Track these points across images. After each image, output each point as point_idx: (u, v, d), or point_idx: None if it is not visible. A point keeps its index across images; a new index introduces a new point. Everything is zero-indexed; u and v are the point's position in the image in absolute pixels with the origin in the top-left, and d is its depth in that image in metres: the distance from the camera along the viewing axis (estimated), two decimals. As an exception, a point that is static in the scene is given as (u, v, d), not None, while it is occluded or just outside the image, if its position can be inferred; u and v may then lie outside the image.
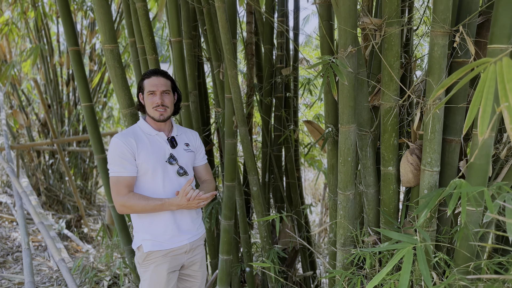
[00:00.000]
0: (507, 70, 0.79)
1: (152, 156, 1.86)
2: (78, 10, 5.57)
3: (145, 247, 1.87)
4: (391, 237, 1.74)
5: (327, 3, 1.90)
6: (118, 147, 1.82)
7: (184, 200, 1.82)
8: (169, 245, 1.89)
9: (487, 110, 0.77)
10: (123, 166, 1.82)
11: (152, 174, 1.86)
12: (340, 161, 1.82)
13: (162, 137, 1.94)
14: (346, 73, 1.64)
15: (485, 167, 1.50)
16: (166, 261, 1.89)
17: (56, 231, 4.55)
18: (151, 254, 1.88)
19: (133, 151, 1.83)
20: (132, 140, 1.84)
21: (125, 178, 1.82)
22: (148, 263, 1.89)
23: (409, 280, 1.58)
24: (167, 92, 1.91)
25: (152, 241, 1.88)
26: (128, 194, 1.82)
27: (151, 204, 1.81)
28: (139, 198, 1.82)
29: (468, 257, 1.54)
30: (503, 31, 1.42)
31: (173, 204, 1.83)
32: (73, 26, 2.50)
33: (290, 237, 2.80)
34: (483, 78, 0.80)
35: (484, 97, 0.79)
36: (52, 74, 5.55)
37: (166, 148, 1.92)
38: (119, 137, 1.85)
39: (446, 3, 1.50)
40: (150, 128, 1.93)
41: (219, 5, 1.97)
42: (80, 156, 5.98)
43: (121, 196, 1.81)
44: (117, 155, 1.82)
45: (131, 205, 1.81)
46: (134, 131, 1.92)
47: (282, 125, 2.93)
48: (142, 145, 1.87)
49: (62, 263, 2.49)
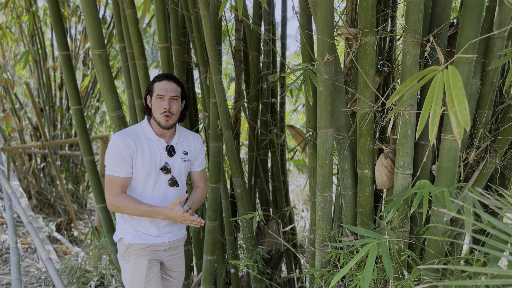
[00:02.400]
0: (452, 78, 0.87)
1: (148, 162, 1.89)
2: (72, 15, 5.63)
3: (126, 239, 1.92)
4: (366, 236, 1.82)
5: (307, 13, 1.99)
6: (117, 146, 1.84)
7: (172, 212, 1.84)
8: (150, 240, 1.95)
9: (436, 115, 0.84)
10: (119, 166, 1.85)
11: (144, 179, 1.90)
12: (318, 163, 1.89)
13: (162, 143, 1.95)
14: (322, 80, 1.71)
15: (453, 170, 1.58)
16: (146, 253, 1.94)
17: (46, 233, 4.57)
18: (132, 246, 1.93)
19: (131, 153, 1.86)
20: (132, 142, 1.86)
21: (120, 179, 1.85)
22: (129, 254, 1.94)
23: (380, 276, 1.66)
24: (175, 98, 1.92)
25: (133, 234, 1.93)
26: (121, 195, 1.85)
27: (140, 209, 1.84)
28: (130, 201, 1.85)
29: (437, 256, 1.61)
30: (468, 41, 1.50)
31: (162, 214, 1.86)
32: (63, 31, 2.56)
33: (274, 239, 2.86)
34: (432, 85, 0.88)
35: (433, 103, 0.86)
36: (45, 78, 5.60)
37: (163, 155, 1.94)
38: (120, 136, 1.86)
39: (417, 15, 1.58)
40: (152, 133, 1.94)
41: (204, 13, 2.05)
42: (72, 160, 6.01)
43: (113, 196, 1.85)
44: (115, 155, 1.84)
45: (121, 206, 1.85)
46: (136, 132, 1.93)
47: (268, 130, 3.01)
48: (140, 149, 1.88)
49: (49, 262, 2.53)
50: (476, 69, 1.71)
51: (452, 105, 0.90)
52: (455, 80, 0.91)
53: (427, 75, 0.99)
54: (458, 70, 1.52)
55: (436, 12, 1.73)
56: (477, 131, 1.80)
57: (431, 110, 0.95)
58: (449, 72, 0.90)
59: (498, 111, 1.85)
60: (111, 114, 2.25)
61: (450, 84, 0.90)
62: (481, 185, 1.89)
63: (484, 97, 1.77)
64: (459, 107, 0.89)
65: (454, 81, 0.90)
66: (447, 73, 0.91)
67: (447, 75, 0.91)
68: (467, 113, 0.89)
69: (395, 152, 1.73)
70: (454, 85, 0.89)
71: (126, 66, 2.72)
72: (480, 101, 1.78)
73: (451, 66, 0.93)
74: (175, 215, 1.86)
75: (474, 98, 1.76)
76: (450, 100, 0.90)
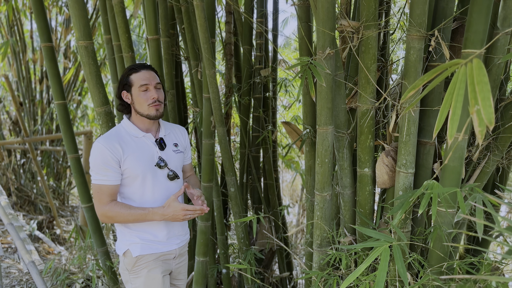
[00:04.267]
0: (477, 72, 0.80)
1: (141, 161, 1.73)
2: (53, 6, 5.43)
3: (133, 252, 1.76)
4: (366, 238, 1.76)
5: (305, 5, 1.91)
6: (101, 153, 1.67)
7: (170, 209, 1.69)
8: (160, 249, 1.79)
9: (456, 113, 0.78)
10: (105, 174, 1.68)
11: (141, 180, 1.74)
12: (317, 162, 1.82)
13: (150, 138, 1.79)
14: (324, 75, 1.64)
15: (459, 169, 1.53)
16: (158, 265, 1.79)
17: (27, 232, 4.41)
18: (141, 259, 1.76)
19: (117, 158, 1.69)
20: (117, 146, 1.69)
21: (108, 187, 1.69)
22: (138, 268, 1.77)
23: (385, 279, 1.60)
24: (159, 87, 1.78)
25: (141, 244, 1.76)
26: (110, 203, 1.70)
27: (133, 214, 1.69)
28: (121, 207, 1.70)
29: (442, 258, 1.56)
30: (477, 36, 1.45)
31: (157, 214, 1.70)
32: (46, 21, 2.42)
33: (267, 238, 2.79)
34: (453, 80, 0.81)
35: (454, 100, 0.80)
36: (24, 71, 5.40)
37: (154, 150, 1.78)
38: (103, 142, 1.69)
39: (422, 8, 1.52)
40: (136, 129, 1.77)
41: (197, 3, 1.95)
42: (53, 156, 5.82)
43: (103, 205, 1.70)
44: (100, 162, 1.67)
45: (113, 215, 1.69)
46: (119, 133, 1.76)
47: (260, 126, 2.93)
48: (129, 150, 1.72)
49: (32, 265, 2.40)
50: (480, 65, 1.66)
51: (475, 102, 0.83)
52: (480, 74, 0.84)
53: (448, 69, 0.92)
54: (465, 65, 1.47)
55: (440, 6, 1.68)
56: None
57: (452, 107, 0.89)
58: (473, 66, 0.83)
59: (500, 108, 1.81)
60: (98, 109, 2.13)
61: (475, 78, 0.83)
62: (482, 183, 1.85)
63: (488, 94, 1.72)
64: (483, 105, 0.82)
65: (479, 76, 0.83)
66: (471, 66, 0.84)
67: (471, 69, 0.84)
68: (492, 110, 0.83)
69: (397, 150, 1.67)
70: (479, 80, 0.83)
71: (113, 59, 2.60)
72: (483, 98, 1.74)
73: (476, 59, 0.86)
74: (174, 211, 1.69)
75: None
76: (473, 96, 0.83)
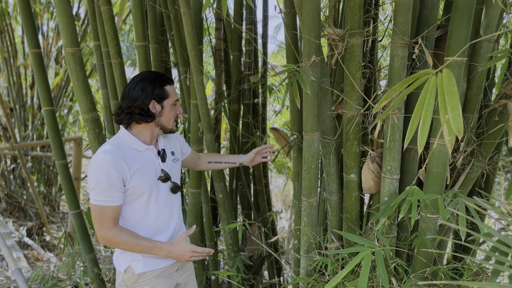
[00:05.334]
0: (447, 82, 0.82)
1: (147, 177, 1.65)
2: (44, 11, 5.41)
3: (136, 269, 1.69)
4: (353, 244, 1.77)
5: (292, 13, 1.92)
6: (106, 172, 1.54)
7: (178, 248, 1.65)
8: (162, 263, 1.73)
9: (427, 122, 0.79)
10: (109, 195, 1.57)
11: (147, 196, 1.66)
12: (304, 168, 1.83)
13: (153, 151, 1.70)
14: (309, 82, 1.66)
15: (442, 175, 1.54)
16: (160, 282, 1.73)
17: (16, 239, 4.37)
18: (143, 276, 1.70)
19: (124, 177, 1.58)
20: (123, 163, 1.57)
21: (112, 208, 1.58)
22: (140, 285, 1.71)
23: (369, 285, 1.61)
24: None
25: (143, 261, 1.69)
26: (115, 228, 1.59)
27: (140, 245, 1.61)
28: (128, 236, 1.60)
29: (426, 263, 1.58)
30: (459, 44, 1.47)
31: (164, 250, 1.64)
32: (34, 27, 2.42)
33: (256, 244, 2.79)
34: (424, 89, 0.82)
35: (424, 109, 0.81)
36: (15, 77, 5.37)
37: (157, 163, 1.70)
38: (107, 160, 1.55)
39: (405, 16, 1.54)
40: (138, 143, 1.66)
41: (185, 11, 1.96)
42: (44, 162, 5.78)
43: (105, 229, 1.58)
44: (105, 182, 1.54)
45: (118, 242, 1.59)
46: (120, 147, 1.63)
47: (249, 132, 2.93)
48: (135, 167, 1.61)
49: (18, 273, 2.38)
50: (463, 72, 1.69)
51: (445, 111, 0.85)
52: (450, 84, 0.85)
53: (419, 79, 0.93)
54: (447, 73, 1.49)
55: (424, 14, 1.70)
56: (463, 134, 1.78)
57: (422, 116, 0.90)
58: (443, 76, 0.85)
59: (484, 114, 1.83)
60: (85, 116, 2.13)
61: (444, 88, 0.85)
62: (466, 189, 1.87)
63: (471, 101, 1.75)
64: (453, 114, 0.84)
65: (449, 86, 0.85)
66: (441, 76, 0.86)
67: (441, 79, 0.85)
68: (461, 120, 0.85)
69: (382, 156, 1.69)
70: (448, 90, 0.84)
71: (101, 65, 2.60)
72: (467, 105, 1.76)
73: (445, 69, 0.87)
74: (182, 251, 1.65)
75: (460, 102, 1.74)
76: (443, 106, 0.85)
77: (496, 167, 2.03)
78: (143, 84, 1.64)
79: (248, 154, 1.97)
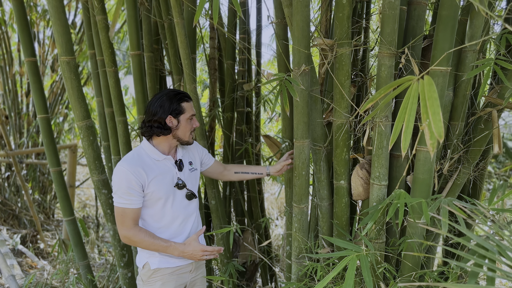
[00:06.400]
0: (428, 88, 0.85)
1: (163, 184, 1.82)
2: (41, 19, 5.45)
3: (152, 264, 1.85)
4: (343, 249, 1.80)
5: (283, 23, 1.97)
6: (126, 177, 1.74)
7: (189, 248, 1.81)
8: (177, 263, 1.88)
9: (409, 126, 0.83)
10: (129, 199, 1.75)
11: (164, 202, 1.83)
12: (294, 174, 1.87)
13: (170, 160, 1.87)
14: (299, 90, 1.70)
15: (428, 181, 1.58)
16: (172, 279, 1.88)
17: (10, 246, 4.36)
18: (158, 271, 1.86)
19: (142, 183, 1.77)
20: (141, 170, 1.76)
21: (132, 210, 1.77)
22: (153, 280, 1.87)
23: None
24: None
25: (159, 258, 1.86)
26: (135, 228, 1.78)
27: (156, 244, 1.79)
28: (145, 235, 1.78)
29: (413, 268, 1.61)
30: (443, 54, 1.52)
31: (177, 250, 1.81)
32: (30, 36, 2.45)
33: (249, 251, 2.81)
34: (407, 96, 0.86)
35: (407, 113, 0.84)
36: (11, 84, 5.39)
37: (174, 172, 1.87)
38: (127, 167, 1.75)
39: (392, 27, 1.59)
40: (157, 153, 1.84)
41: (178, 20, 2.00)
42: (39, 169, 5.78)
43: (126, 229, 1.77)
44: (125, 187, 1.74)
45: (137, 241, 1.78)
46: (140, 157, 1.82)
47: (243, 140, 2.97)
48: (152, 174, 1.79)
49: (11, 279, 2.39)
50: (449, 81, 1.73)
51: (426, 116, 0.88)
52: (431, 90, 0.89)
53: (401, 85, 0.97)
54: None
55: (411, 25, 1.75)
56: (450, 142, 1.82)
57: (405, 120, 0.93)
58: (424, 82, 0.89)
59: (470, 122, 1.88)
60: (79, 123, 2.16)
61: (426, 94, 0.88)
62: (454, 196, 1.90)
63: (457, 109, 1.79)
64: (434, 119, 0.87)
65: (430, 92, 0.89)
66: (422, 83, 0.90)
67: (423, 86, 0.89)
68: (441, 125, 0.88)
69: (371, 163, 1.72)
70: (429, 96, 0.88)
71: (96, 73, 2.63)
72: (453, 113, 1.80)
73: (426, 76, 0.91)
74: (193, 250, 1.81)
75: (447, 110, 1.78)
76: (425, 111, 0.88)
77: (484, 174, 2.07)
78: (161, 100, 1.82)
79: (275, 166, 2.05)
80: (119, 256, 2.47)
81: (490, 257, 0.95)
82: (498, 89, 1.77)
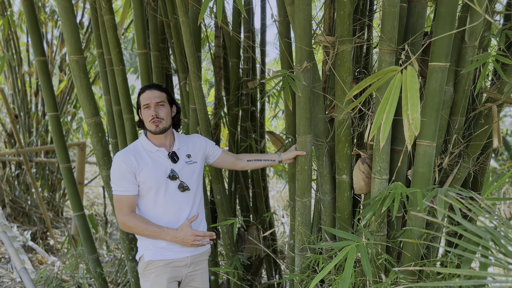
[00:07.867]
0: (410, 79, 0.88)
1: (154, 173, 1.89)
2: (49, 19, 5.54)
3: (146, 256, 1.92)
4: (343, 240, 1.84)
5: (286, 21, 2.01)
6: (119, 166, 1.87)
7: (181, 233, 1.86)
8: (170, 256, 1.92)
9: (389, 117, 0.85)
10: (123, 186, 1.87)
11: (155, 191, 1.90)
12: (297, 169, 1.91)
13: (163, 152, 1.95)
14: (301, 86, 1.74)
15: (428, 175, 1.62)
16: (166, 271, 1.92)
17: (21, 243, 4.45)
18: (151, 263, 1.91)
19: (133, 170, 1.87)
20: (133, 159, 1.88)
21: (127, 197, 1.87)
22: (148, 272, 1.92)
23: (358, 280, 1.68)
24: (161, 104, 1.94)
25: (153, 251, 1.91)
26: (130, 214, 1.88)
27: (149, 229, 1.86)
28: (140, 221, 1.87)
29: (413, 259, 1.64)
30: (441, 50, 1.55)
31: (169, 235, 1.87)
32: (40, 36, 2.52)
33: (254, 245, 2.86)
34: (390, 86, 0.89)
35: (388, 105, 0.87)
36: (20, 84, 5.48)
37: (167, 164, 1.94)
38: (120, 156, 1.89)
39: (392, 24, 1.62)
40: (150, 145, 1.95)
41: (183, 19, 2.05)
42: (48, 168, 5.87)
43: (122, 215, 1.87)
44: (118, 174, 1.86)
45: (132, 226, 1.87)
46: (135, 148, 1.95)
47: (248, 137, 3.02)
48: (143, 163, 1.90)
49: (24, 271, 2.46)
50: (450, 76, 1.76)
51: (406, 107, 0.90)
52: (412, 81, 0.91)
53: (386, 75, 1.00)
54: (432, 77, 1.56)
55: (411, 22, 1.78)
56: (450, 137, 1.85)
57: (386, 110, 0.96)
58: (407, 73, 0.91)
59: (470, 117, 1.91)
60: (89, 120, 2.22)
61: (407, 85, 0.90)
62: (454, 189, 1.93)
63: (457, 104, 1.82)
64: (412, 110, 0.89)
65: (411, 83, 0.91)
66: (405, 73, 0.92)
67: (405, 76, 0.92)
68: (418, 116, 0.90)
69: (372, 157, 1.76)
70: (410, 87, 0.90)
71: (104, 72, 2.69)
72: (454, 108, 1.83)
73: (409, 67, 0.93)
74: (185, 235, 1.86)
75: (448, 105, 1.81)
76: (405, 102, 0.90)
77: (485, 169, 2.09)
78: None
79: (287, 153, 2.03)
80: (127, 249, 2.53)
81: (484, 244, 0.98)
82: (498, 84, 1.80)
